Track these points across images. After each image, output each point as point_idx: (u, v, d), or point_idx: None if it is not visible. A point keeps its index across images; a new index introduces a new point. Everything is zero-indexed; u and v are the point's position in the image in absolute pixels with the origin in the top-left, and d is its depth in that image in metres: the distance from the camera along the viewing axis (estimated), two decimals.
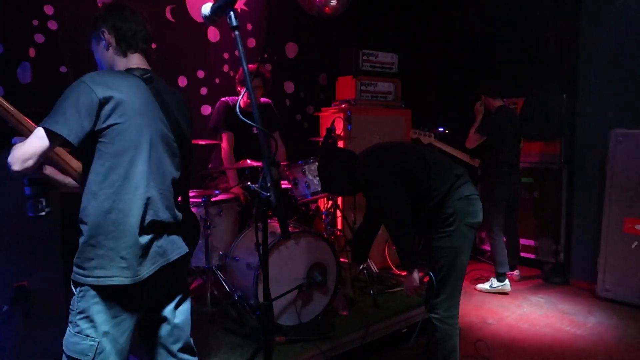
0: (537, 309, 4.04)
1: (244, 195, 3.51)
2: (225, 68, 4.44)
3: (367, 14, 5.32)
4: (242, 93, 3.50)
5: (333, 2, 4.17)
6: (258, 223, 1.42)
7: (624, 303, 4.07)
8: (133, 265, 1.53)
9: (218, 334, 2.86)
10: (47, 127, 1.45)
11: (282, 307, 2.84)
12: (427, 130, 4.63)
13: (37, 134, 1.46)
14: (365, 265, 3.67)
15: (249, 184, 1.42)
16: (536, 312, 3.98)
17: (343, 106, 4.42)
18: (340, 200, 4.11)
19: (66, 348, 1.56)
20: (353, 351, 2.93)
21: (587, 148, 4.59)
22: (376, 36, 5.29)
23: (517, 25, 5.16)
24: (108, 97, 1.51)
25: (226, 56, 4.45)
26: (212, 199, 3.24)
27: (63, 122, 1.45)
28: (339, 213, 4.12)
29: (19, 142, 1.49)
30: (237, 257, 3.07)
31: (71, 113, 1.46)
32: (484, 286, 4.49)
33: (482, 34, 5.41)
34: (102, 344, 1.53)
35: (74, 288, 1.56)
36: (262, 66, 4.17)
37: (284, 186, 3.43)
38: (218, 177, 3.85)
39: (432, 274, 2.44)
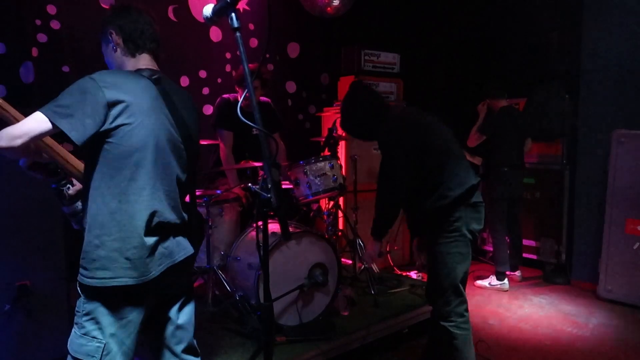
0: (539, 310, 4.04)
1: (246, 196, 3.50)
2: (227, 68, 4.45)
3: (369, 14, 5.32)
4: (243, 94, 3.45)
5: (335, 2, 4.17)
6: (259, 223, 1.42)
7: (626, 304, 4.06)
8: (138, 266, 1.52)
9: (219, 334, 2.86)
10: (50, 119, 1.41)
11: (283, 307, 2.85)
12: None
13: (35, 117, 1.42)
14: (366, 265, 3.66)
15: (250, 185, 1.42)
16: (537, 313, 3.97)
17: None
18: (341, 200, 4.10)
19: (72, 349, 1.55)
20: (354, 351, 2.92)
21: (589, 149, 4.58)
22: (378, 36, 5.29)
23: (520, 26, 5.16)
24: (117, 98, 1.50)
25: (228, 56, 4.46)
26: (214, 199, 3.24)
27: (66, 117, 1.42)
28: (341, 213, 4.12)
29: None
30: (239, 257, 3.07)
31: (75, 109, 1.43)
32: (483, 282, 4.55)
33: (484, 34, 5.40)
34: (109, 346, 1.53)
35: (80, 289, 1.55)
36: (262, 66, 4.15)
37: (286, 186, 3.42)
38: (217, 179, 3.79)
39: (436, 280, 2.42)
